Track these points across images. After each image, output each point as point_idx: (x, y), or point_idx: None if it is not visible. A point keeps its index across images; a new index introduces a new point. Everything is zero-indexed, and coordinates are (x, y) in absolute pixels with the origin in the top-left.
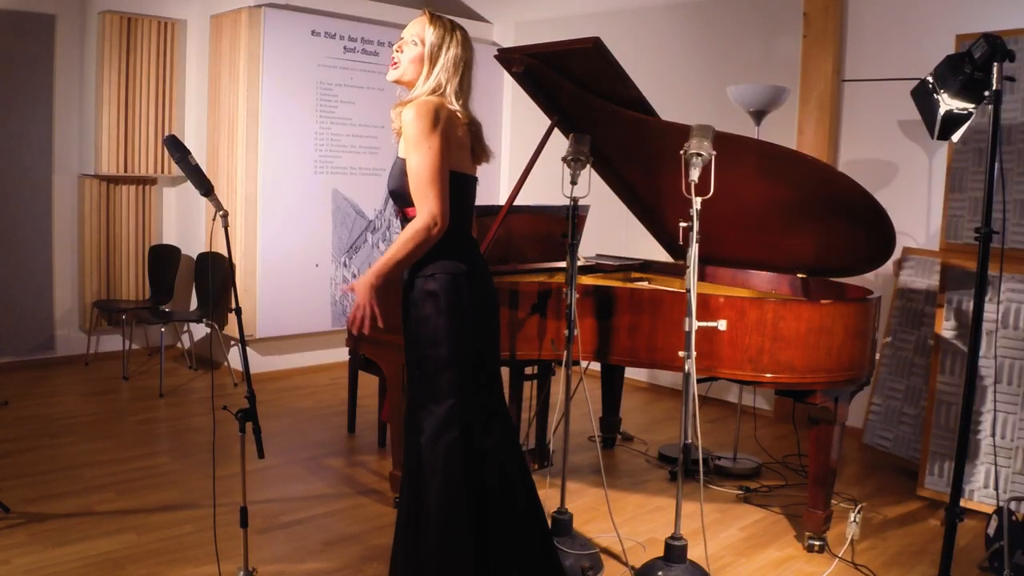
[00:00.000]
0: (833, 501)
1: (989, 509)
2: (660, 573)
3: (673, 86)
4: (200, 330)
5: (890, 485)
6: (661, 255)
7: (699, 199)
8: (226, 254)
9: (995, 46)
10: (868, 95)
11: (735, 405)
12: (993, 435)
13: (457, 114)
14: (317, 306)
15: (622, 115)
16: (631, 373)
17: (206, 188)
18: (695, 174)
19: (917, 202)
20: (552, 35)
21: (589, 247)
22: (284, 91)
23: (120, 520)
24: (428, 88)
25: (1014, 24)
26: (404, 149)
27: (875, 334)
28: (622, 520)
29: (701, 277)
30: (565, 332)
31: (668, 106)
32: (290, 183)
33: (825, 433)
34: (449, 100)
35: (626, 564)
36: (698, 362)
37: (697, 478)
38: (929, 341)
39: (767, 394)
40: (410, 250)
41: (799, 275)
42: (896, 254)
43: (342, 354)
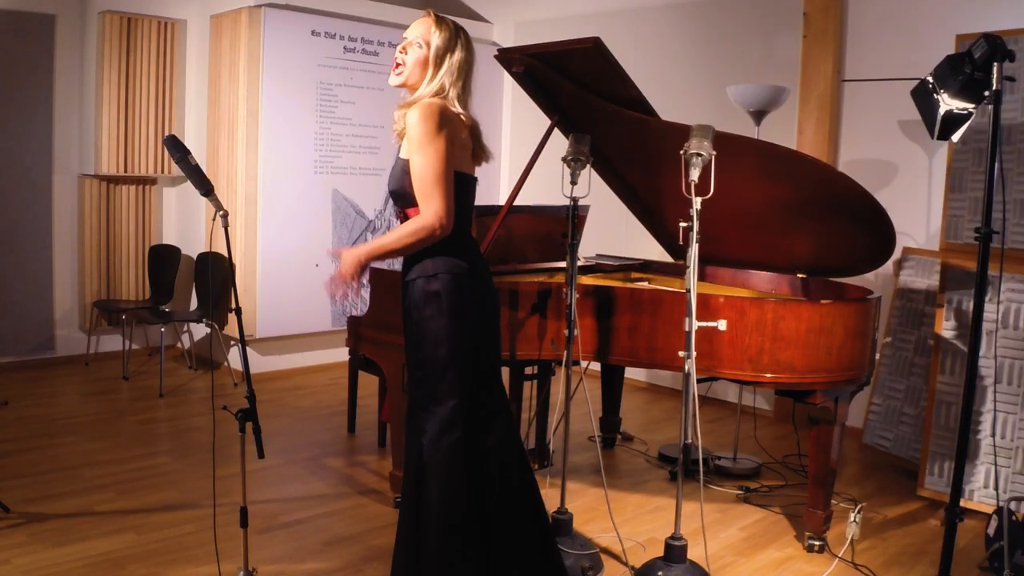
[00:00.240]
0: (833, 501)
1: (989, 509)
2: (660, 573)
3: (673, 86)
4: (200, 330)
5: (890, 485)
6: (661, 255)
7: (699, 199)
8: (226, 254)
9: (995, 46)
10: (868, 95)
11: (735, 405)
12: (993, 435)
13: (460, 116)
14: (317, 306)
15: (622, 115)
16: (631, 373)
17: (206, 188)
18: (695, 174)
19: (917, 202)
20: (552, 35)
21: (589, 247)
22: (284, 91)
23: (120, 520)
24: (431, 90)
25: (1014, 24)
26: (406, 150)
27: (875, 334)
28: (622, 520)
29: (701, 277)
30: (565, 332)
31: (668, 106)
32: (290, 183)
33: (825, 433)
34: (452, 103)
35: (626, 564)
36: (698, 362)
37: (697, 478)
38: (929, 341)
39: (767, 394)
40: (408, 245)
41: (799, 275)
42: (896, 254)
43: (342, 354)
